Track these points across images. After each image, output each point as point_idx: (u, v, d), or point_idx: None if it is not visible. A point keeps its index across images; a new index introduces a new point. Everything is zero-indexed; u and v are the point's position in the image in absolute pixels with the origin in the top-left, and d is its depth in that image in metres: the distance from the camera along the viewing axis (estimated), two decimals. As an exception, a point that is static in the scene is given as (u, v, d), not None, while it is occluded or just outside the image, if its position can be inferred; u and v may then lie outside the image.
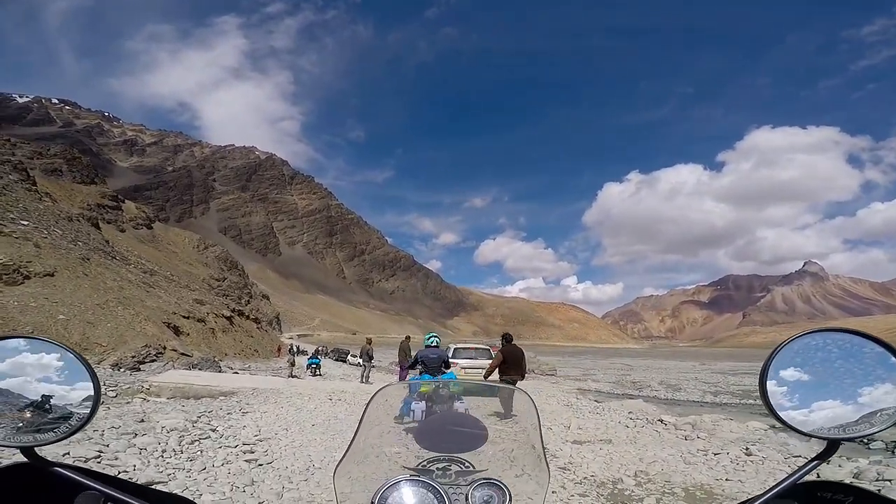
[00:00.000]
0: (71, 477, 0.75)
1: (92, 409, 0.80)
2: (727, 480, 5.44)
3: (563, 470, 5.69)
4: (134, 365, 13.67)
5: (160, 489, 0.91)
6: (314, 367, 24.93)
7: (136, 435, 5.70)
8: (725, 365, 65.51)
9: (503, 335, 9.11)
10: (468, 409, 1.45)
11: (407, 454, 1.19)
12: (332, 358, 45.70)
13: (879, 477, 5.36)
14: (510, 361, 8.32)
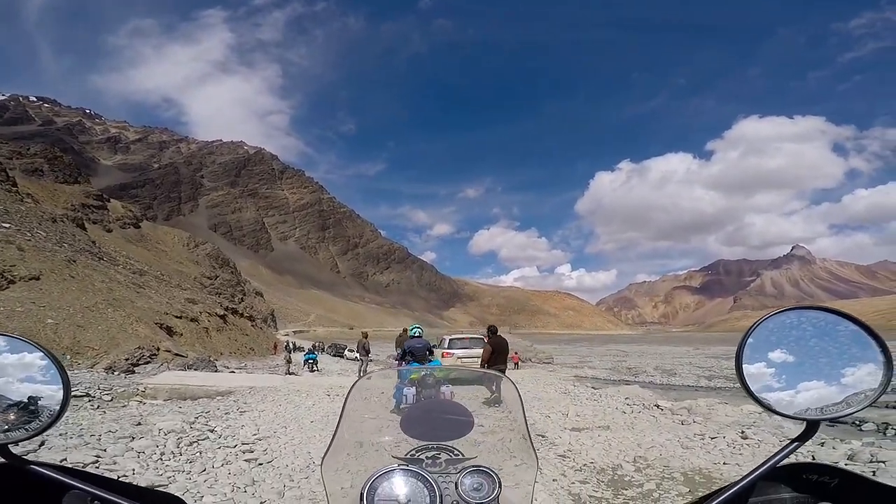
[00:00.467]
0: (55, 477, 0.73)
1: (62, 406, 0.78)
2: (724, 464, 5.50)
3: (562, 457, 5.73)
4: (128, 367, 13.54)
5: (156, 489, 0.87)
6: (311, 362, 24.99)
7: (133, 438, 5.65)
8: (718, 349, 66.36)
9: (488, 327, 9.62)
10: (453, 393, 1.47)
11: (394, 444, 1.17)
12: (329, 353, 45.76)
13: (873, 458, 5.42)
14: (497, 352, 8.90)
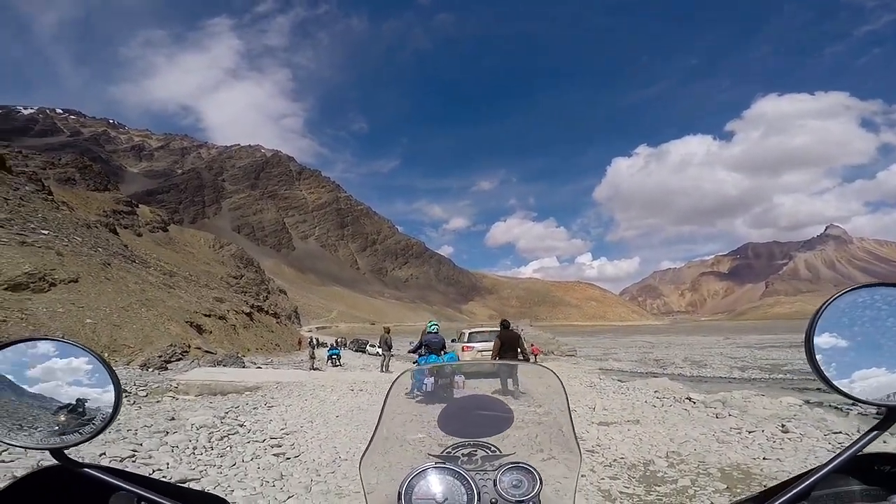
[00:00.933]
0: (103, 478, 0.75)
1: (114, 409, 0.80)
2: (765, 459, 5.21)
3: (591, 452, 5.58)
4: (161, 364, 13.94)
5: (192, 487, 0.85)
6: (335, 357, 25.47)
7: (167, 433, 5.78)
8: (751, 338, 64.38)
9: (501, 321, 9.95)
10: (465, 382, 1.46)
11: (431, 441, 1.17)
12: (351, 349, 46.26)
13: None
14: (507, 345, 9.21)
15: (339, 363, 25.33)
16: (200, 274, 59.55)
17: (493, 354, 9.64)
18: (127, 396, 8.91)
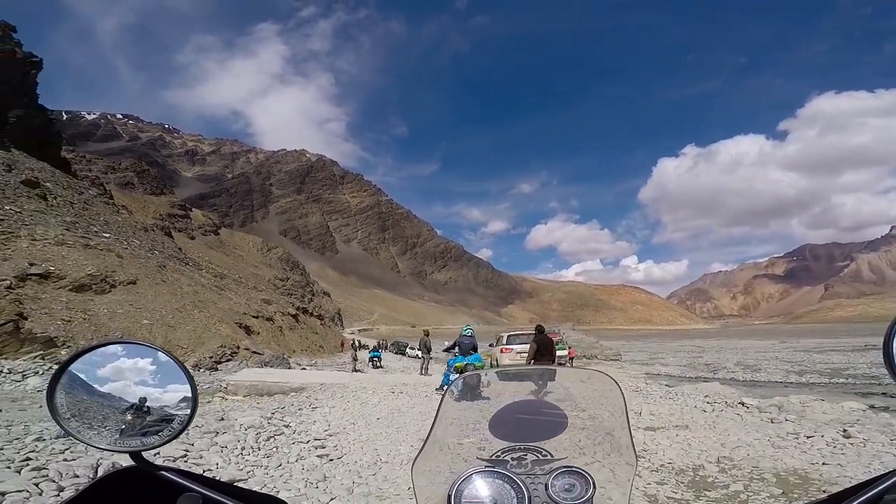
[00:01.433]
0: (174, 479, 0.78)
1: (192, 411, 0.82)
2: (824, 465, 4.90)
3: (637, 458, 5.42)
4: (212, 365, 14.60)
5: (252, 489, 0.89)
6: (375, 359, 26.05)
7: (217, 433, 5.95)
8: (809, 342, 60.80)
9: (536, 326, 10.34)
10: (490, 382, 1.42)
11: (482, 445, 1.15)
12: (391, 351, 46.89)
13: None
14: (542, 349, 9.42)
15: (379, 365, 25.80)
16: (249, 276, 62.06)
17: (528, 358, 9.84)
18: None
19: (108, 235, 22.86)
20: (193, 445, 5.23)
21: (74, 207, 25.09)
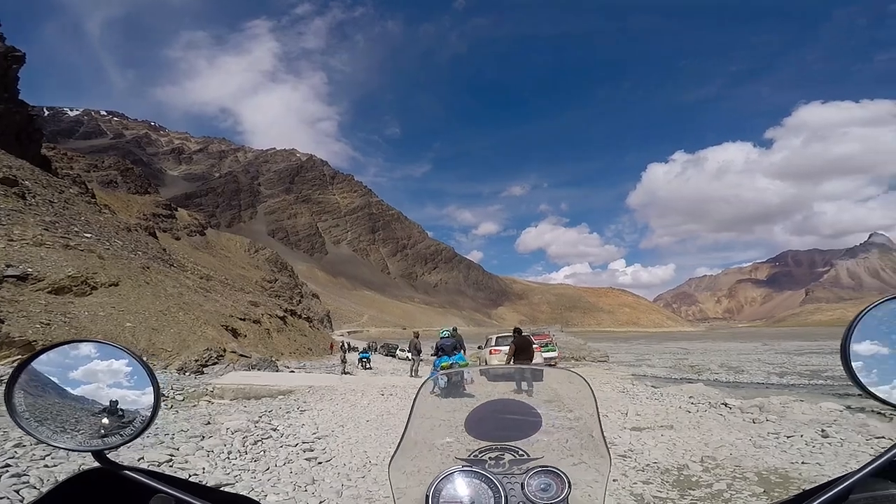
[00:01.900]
0: (143, 481, 0.77)
1: (153, 412, 0.81)
2: (804, 464, 5.10)
3: (623, 458, 5.51)
4: (197, 368, 14.37)
5: (227, 490, 0.90)
6: (365, 360, 26.16)
7: (203, 437, 5.90)
8: (790, 345, 62.08)
9: (514, 329, 11.18)
10: (473, 380, 1.46)
11: (458, 445, 1.16)
12: (381, 353, 46.72)
13: None
14: (520, 350, 10.09)
15: (368, 366, 25.80)
16: (236, 278, 61.33)
17: (507, 358, 10.46)
18: (165, 400, 9.21)
19: (89, 236, 22.35)
20: (179, 450, 5.17)
21: (54, 206, 24.51)
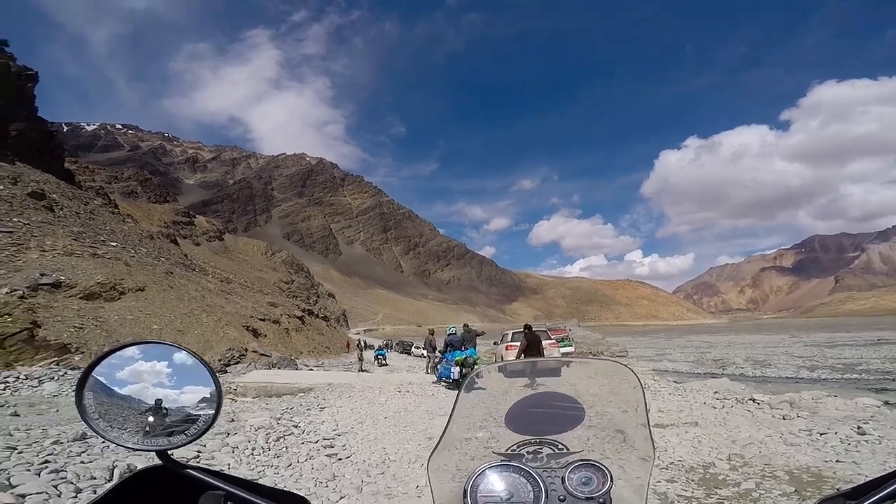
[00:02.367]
0: (198, 477, 0.79)
1: (216, 410, 0.82)
2: (838, 462, 4.84)
3: (655, 451, 5.40)
4: (221, 368, 14.72)
5: (279, 488, 0.90)
6: (381, 358, 26.48)
7: (228, 434, 6.02)
8: (820, 336, 60.18)
9: (525, 325, 11.35)
10: (490, 371, 1.42)
11: (497, 440, 1.16)
12: (397, 351, 46.95)
13: None
14: (532, 345, 10.29)
15: (385, 363, 26.13)
16: (254, 280, 62.32)
17: (517, 354, 10.66)
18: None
19: (115, 244, 23.07)
20: (206, 446, 5.30)
21: (81, 218, 25.30)
